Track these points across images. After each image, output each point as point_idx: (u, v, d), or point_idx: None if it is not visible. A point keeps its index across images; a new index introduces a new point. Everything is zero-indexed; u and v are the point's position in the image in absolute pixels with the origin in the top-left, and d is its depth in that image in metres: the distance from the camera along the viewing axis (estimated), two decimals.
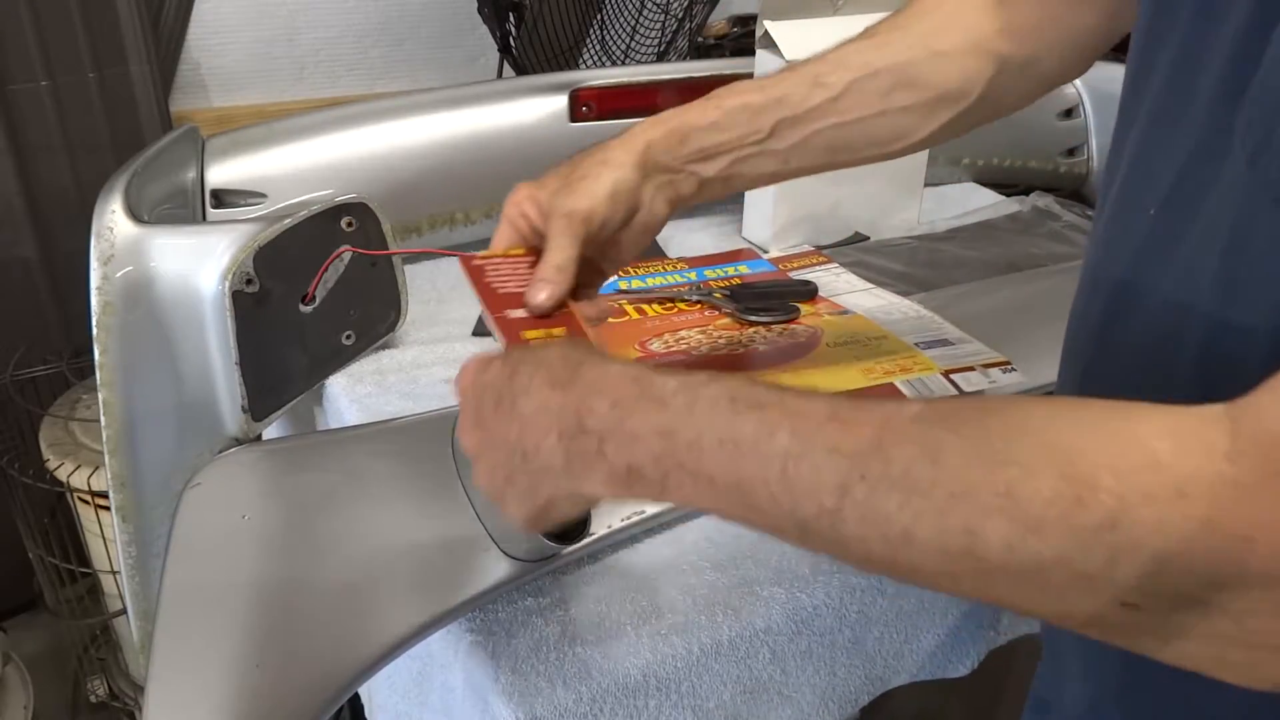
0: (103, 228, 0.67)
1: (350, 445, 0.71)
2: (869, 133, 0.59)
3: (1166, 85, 0.41)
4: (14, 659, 1.40)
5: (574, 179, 0.55)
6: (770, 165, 0.59)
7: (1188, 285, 0.39)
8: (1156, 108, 0.42)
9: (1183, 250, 0.39)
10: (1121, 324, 0.44)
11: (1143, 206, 0.42)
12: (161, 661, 0.53)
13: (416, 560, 0.60)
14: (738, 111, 0.57)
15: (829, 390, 0.73)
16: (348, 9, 1.64)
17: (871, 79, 0.57)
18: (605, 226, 0.55)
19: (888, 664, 0.69)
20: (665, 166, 0.57)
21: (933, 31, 0.58)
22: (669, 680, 0.59)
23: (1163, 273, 0.41)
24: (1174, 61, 0.41)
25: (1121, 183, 0.45)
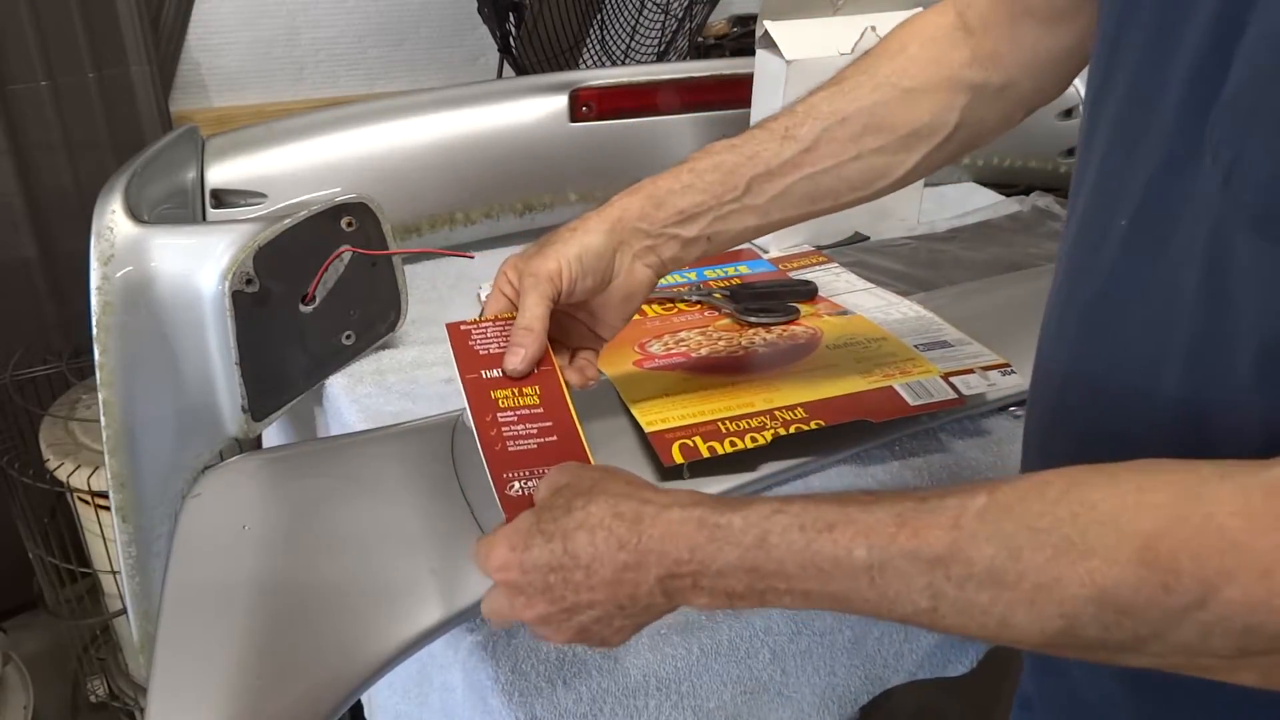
0: (103, 228, 0.67)
1: (349, 452, 0.71)
2: (845, 178, 0.59)
3: (1129, 97, 0.42)
4: (14, 659, 1.40)
5: (546, 244, 0.57)
6: (751, 220, 0.59)
7: (1170, 296, 0.39)
8: (1121, 118, 0.43)
9: (1161, 262, 0.39)
10: (1101, 332, 0.44)
11: (1114, 216, 0.42)
12: (163, 673, 0.53)
13: (417, 567, 0.59)
14: (710, 171, 0.58)
15: (833, 394, 0.73)
16: (348, 9, 1.64)
17: (841, 126, 0.58)
18: (575, 288, 0.57)
19: (887, 664, 0.69)
20: (643, 232, 0.58)
21: (900, 71, 0.59)
22: (669, 680, 0.59)
23: (1141, 283, 0.41)
24: (1136, 73, 0.41)
25: (1091, 190, 0.45)
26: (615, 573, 0.42)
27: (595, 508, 0.43)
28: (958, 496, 0.36)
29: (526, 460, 0.53)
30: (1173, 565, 0.31)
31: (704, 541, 0.40)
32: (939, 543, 0.35)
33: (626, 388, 0.73)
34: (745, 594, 0.40)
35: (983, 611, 0.35)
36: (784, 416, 0.70)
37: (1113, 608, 0.32)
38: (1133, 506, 0.32)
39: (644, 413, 0.70)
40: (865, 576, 0.37)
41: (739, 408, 0.70)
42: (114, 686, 1.45)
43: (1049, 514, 0.34)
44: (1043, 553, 0.33)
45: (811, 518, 0.38)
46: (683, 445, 0.67)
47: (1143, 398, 0.41)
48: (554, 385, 0.57)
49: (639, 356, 0.80)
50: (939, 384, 0.74)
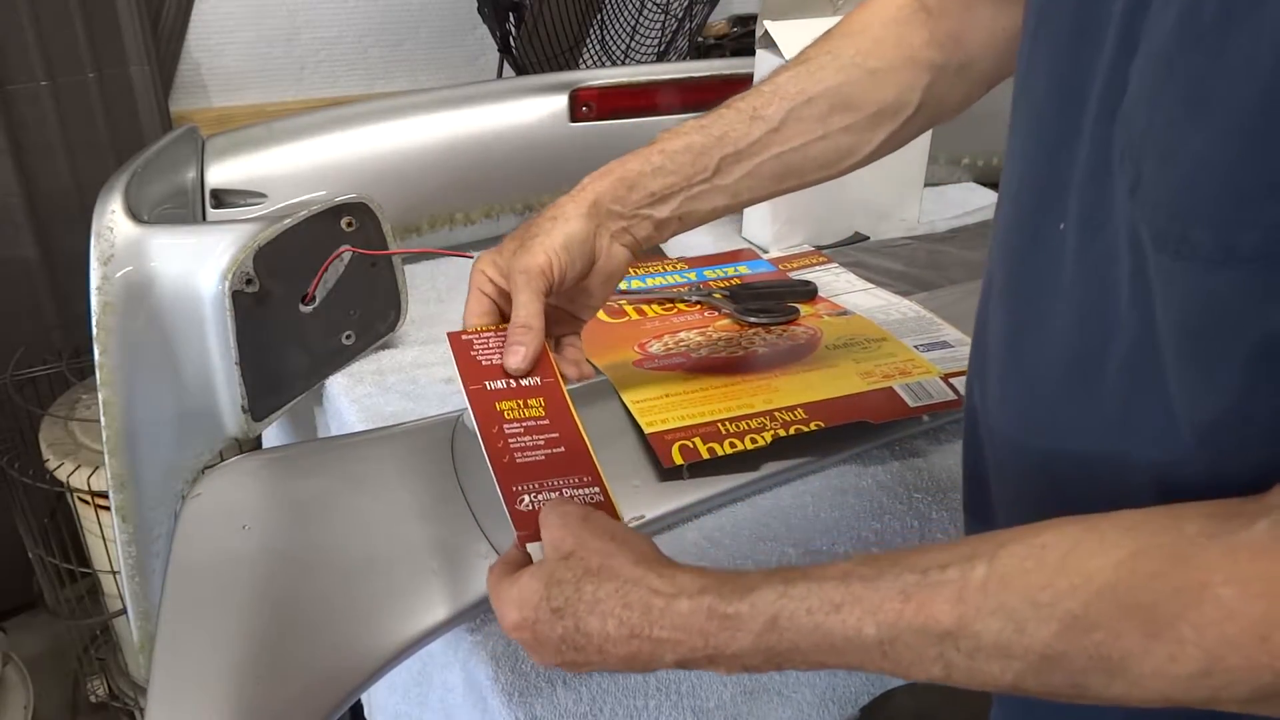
0: (103, 228, 0.67)
1: (349, 452, 0.71)
2: (813, 156, 0.60)
3: (1048, 94, 0.42)
4: (14, 659, 1.40)
5: (528, 238, 0.57)
6: (721, 200, 0.60)
7: (1104, 300, 0.39)
8: (1042, 117, 0.43)
9: (1093, 264, 0.39)
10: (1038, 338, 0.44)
11: (1047, 219, 0.42)
12: (163, 672, 0.53)
13: (417, 567, 0.59)
14: (680, 153, 0.59)
15: (833, 394, 0.73)
16: (348, 9, 1.64)
17: (808, 105, 0.59)
18: (565, 277, 0.57)
19: None
20: (617, 214, 0.59)
21: (863, 51, 0.59)
22: (669, 680, 0.59)
23: (1077, 289, 0.41)
24: (1054, 71, 0.41)
25: (1019, 188, 0.45)
26: (629, 654, 0.43)
27: (604, 594, 0.44)
28: (957, 567, 0.36)
29: (535, 472, 0.53)
30: (1176, 635, 0.31)
31: (716, 630, 0.41)
32: (946, 618, 0.36)
33: (626, 388, 0.73)
34: (762, 666, 0.41)
35: (995, 679, 0.36)
36: (784, 418, 0.70)
37: (1121, 678, 0.33)
38: (1129, 576, 0.33)
39: (644, 414, 0.70)
40: (877, 651, 0.38)
41: (739, 409, 0.70)
42: (114, 686, 1.45)
43: (1049, 586, 0.34)
44: (1048, 627, 0.34)
45: (817, 600, 0.39)
46: (682, 446, 0.67)
47: (1075, 402, 0.41)
48: (558, 396, 0.57)
49: (639, 357, 0.80)
50: (939, 385, 0.74)
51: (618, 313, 0.88)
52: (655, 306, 0.90)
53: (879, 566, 0.38)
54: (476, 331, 0.59)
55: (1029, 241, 0.44)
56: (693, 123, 0.60)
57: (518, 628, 0.46)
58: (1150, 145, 0.34)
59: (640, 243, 0.61)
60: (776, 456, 0.68)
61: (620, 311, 0.89)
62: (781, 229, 1.05)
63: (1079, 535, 0.35)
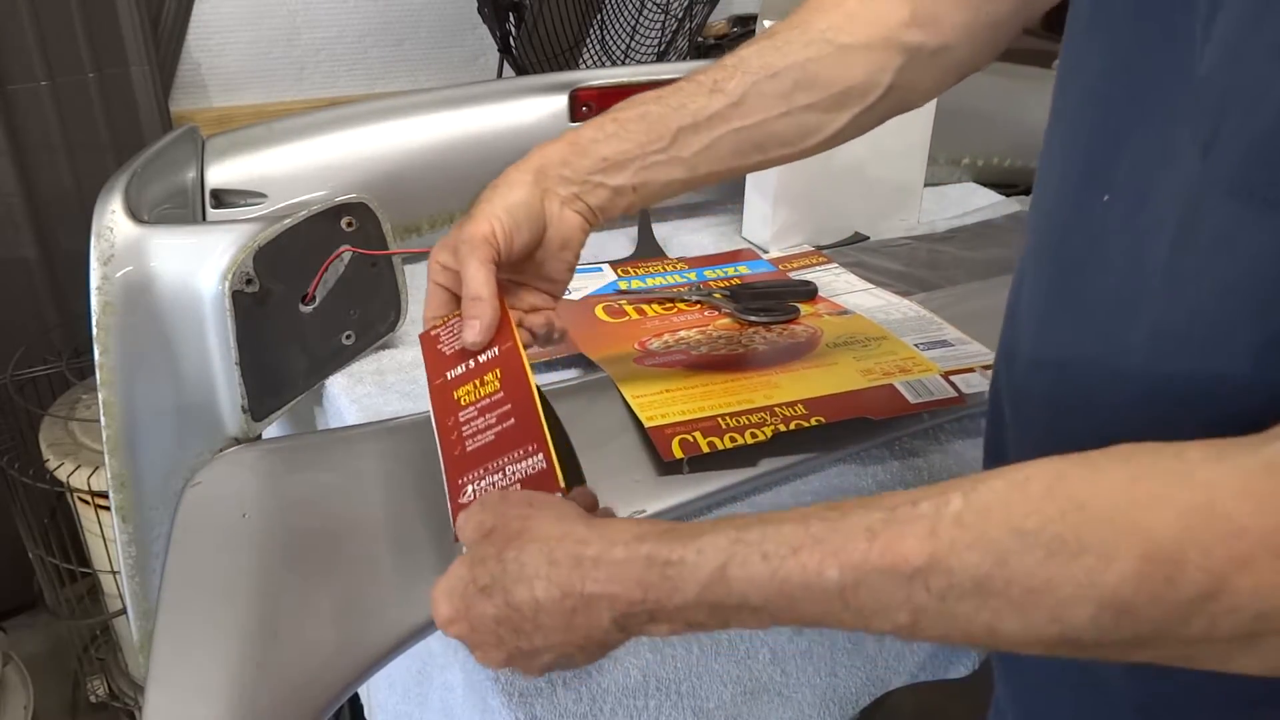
0: (103, 228, 0.67)
1: (350, 444, 0.71)
2: (774, 133, 0.58)
3: (1104, 75, 0.42)
4: (14, 659, 1.40)
5: (472, 209, 0.56)
6: (678, 172, 0.58)
7: (1137, 270, 0.38)
8: (1097, 94, 0.42)
9: (1130, 235, 0.39)
10: (1074, 307, 0.43)
11: (1092, 194, 0.42)
12: (161, 661, 0.53)
13: (416, 559, 0.59)
14: (635, 121, 0.57)
15: (834, 391, 0.73)
16: (348, 9, 1.64)
17: (771, 80, 0.57)
18: (512, 243, 0.55)
19: (888, 665, 0.69)
20: (567, 179, 0.58)
21: (835, 26, 0.57)
22: (669, 680, 0.59)
23: (1114, 256, 0.40)
24: (1115, 48, 0.41)
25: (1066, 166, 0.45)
26: (564, 619, 0.40)
27: (528, 557, 0.41)
28: (930, 501, 0.34)
29: (482, 457, 0.51)
30: (1176, 557, 0.29)
31: (656, 580, 0.38)
32: (916, 555, 0.33)
33: (626, 383, 0.73)
34: (707, 623, 0.38)
35: (967, 620, 0.33)
36: (784, 413, 0.70)
37: (1112, 608, 0.30)
38: (1126, 498, 0.31)
39: (644, 408, 0.70)
40: (838, 599, 0.35)
41: (739, 404, 0.70)
42: (114, 686, 1.45)
43: (1035, 513, 0.32)
44: (1032, 555, 0.31)
45: (774, 543, 0.36)
46: (682, 440, 0.67)
47: (1109, 370, 0.40)
48: (515, 361, 0.54)
49: (639, 354, 0.80)
50: (939, 382, 0.74)
51: (618, 312, 0.89)
52: (655, 306, 0.90)
53: (844, 508, 0.36)
54: (443, 322, 0.58)
55: (1072, 214, 0.43)
56: (651, 93, 0.59)
57: (451, 621, 0.43)
58: (1233, 102, 0.33)
59: (595, 211, 0.59)
60: (776, 452, 0.68)
61: (620, 311, 0.89)
62: (781, 229, 1.05)
63: (1066, 467, 0.33)
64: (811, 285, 0.93)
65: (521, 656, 0.43)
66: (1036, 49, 1.62)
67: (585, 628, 0.40)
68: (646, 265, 0.99)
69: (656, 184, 0.59)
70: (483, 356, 0.56)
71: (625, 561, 0.39)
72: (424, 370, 0.59)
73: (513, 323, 0.56)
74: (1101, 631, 0.31)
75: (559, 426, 0.56)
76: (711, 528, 0.38)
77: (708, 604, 0.37)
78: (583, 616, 0.40)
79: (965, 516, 0.33)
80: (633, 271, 0.97)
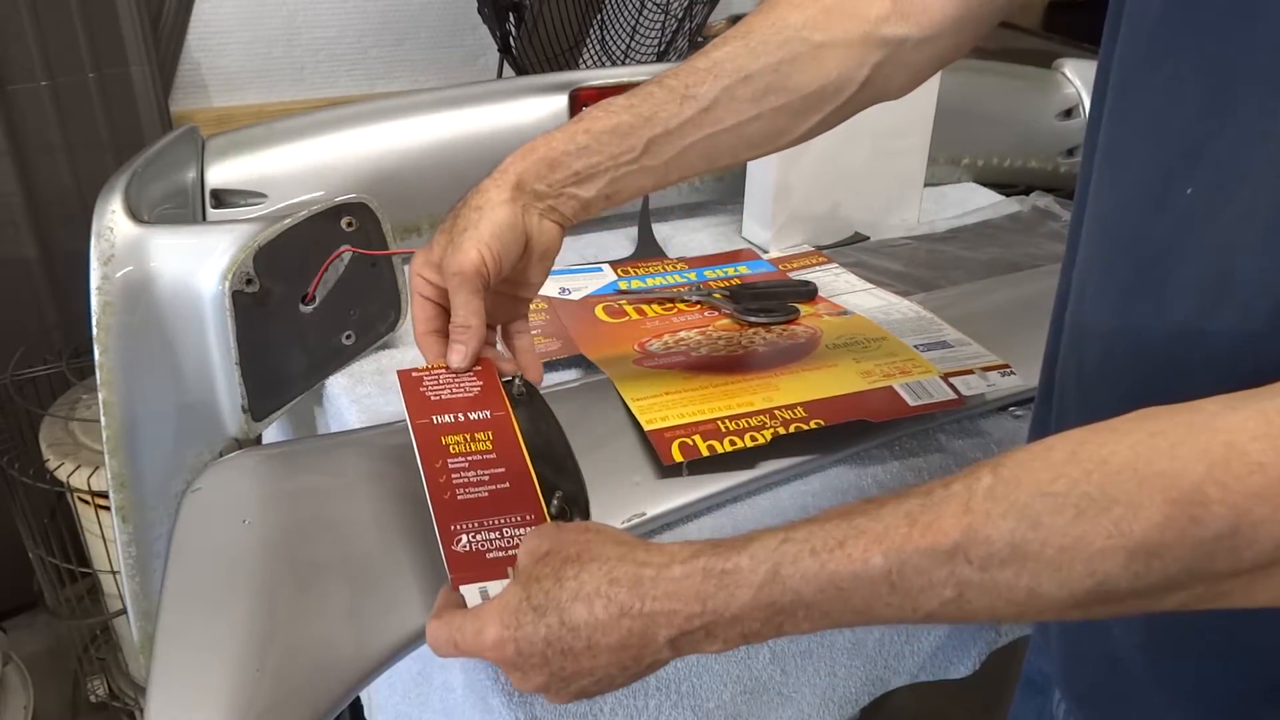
0: (103, 228, 0.67)
1: (350, 447, 0.71)
2: (745, 137, 0.58)
3: (1194, 71, 0.41)
4: (14, 659, 1.40)
5: (456, 234, 0.56)
6: (648, 180, 0.59)
7: (1229, 255, 0.39)
8: (1177, 92, 0.42)
9: (1224, 220, 0.39)
10: (1154, 297, 0.44)
11: (1176, 187, 0.41)
12: (162, 667, 0.53)
13: (418, 563, 0.59)
14: (607, 134, 0.57)
15: (833, 393, 0.73)
16: (348, 9, 1.64)
17: (744, 84, 0.57)
18: (501, 266, 0.56)
19: (888, 665, 0.69)
20: (541, 194, 0.58)
21: (810, 22, 0.56)
22: (669, 680, 0.59)
23: (1200, 249, 0.41)
24: (1201, 48, 0.41)
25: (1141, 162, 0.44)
26: (621, 638, 0.41)
27: (588, 576, 0.42)
28: (962, 481, 0.36)
29: (476, 510, 0.51)
30: (1199, 497, 0.31)
31: (713, 590, 0.39)
32: (954, 529, 0.35)
33: (626, 386, 0.73)
34: (761, 631, 0.39)
35: (1009, 588, 0.34)
36: (784, 416, 0.70)
37: (1143, 552, 0.32)
38: (1147, 451, 0.32)
39: (644, 411, 0.70)
40: (885, 583, 0.36)
41: (739, 407, 0.70)
42: (114, 686, 1.45)
43: (1062, 476, 0.33)
44: (1063, 515, 0.33)
45: (820, 540, 0.38)
46: (682, 444, 0.67)
47: (1195, 353, 0.41)
48: (507, 429, 0.56)
49: (638, 355, 0.80)
50: (939, 384, 0.74)
51: (617, 312, 0.89)
52: (655, 306, 0.90)
53: (881, 500, 0.38)
54: (427, 370, 0.59)
55: (1150, 211, 0.43)
56: (621, 100, 0.58)
57: (498, 644, 0.43)
58: None
59: (569, 218, 0.60)
60: (776, 455, 0.68)
61: (620, 311, 0.89)
62: (781, 229, 1.05)
63: (1085, 434, 0.35)
64: (811, 285, 0.93)
65: (559, 680, 0.43)
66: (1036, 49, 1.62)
67: (638, 647, 0.41)
68: (646, 265, 0.99)
69: (627, 191, 0.59)
70: (474, 414, 0.56)
71: (683, 577, 0.40)
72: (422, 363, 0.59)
73: (505, 395, 0.58)
74: (1135, 578, 0.33)
75: (569, 454, 0.57)
76: (760, 535, 0.40)
77: (763, 606, 0.39)
78: (639, 636, 0.41)
79: (996, 489, 0.35)
80: (633, 271, 0.97)
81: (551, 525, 0.48)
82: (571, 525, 0.47)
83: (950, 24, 0.56)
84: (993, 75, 1.26)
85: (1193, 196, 0.41)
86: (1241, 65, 0.38)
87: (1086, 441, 0.34)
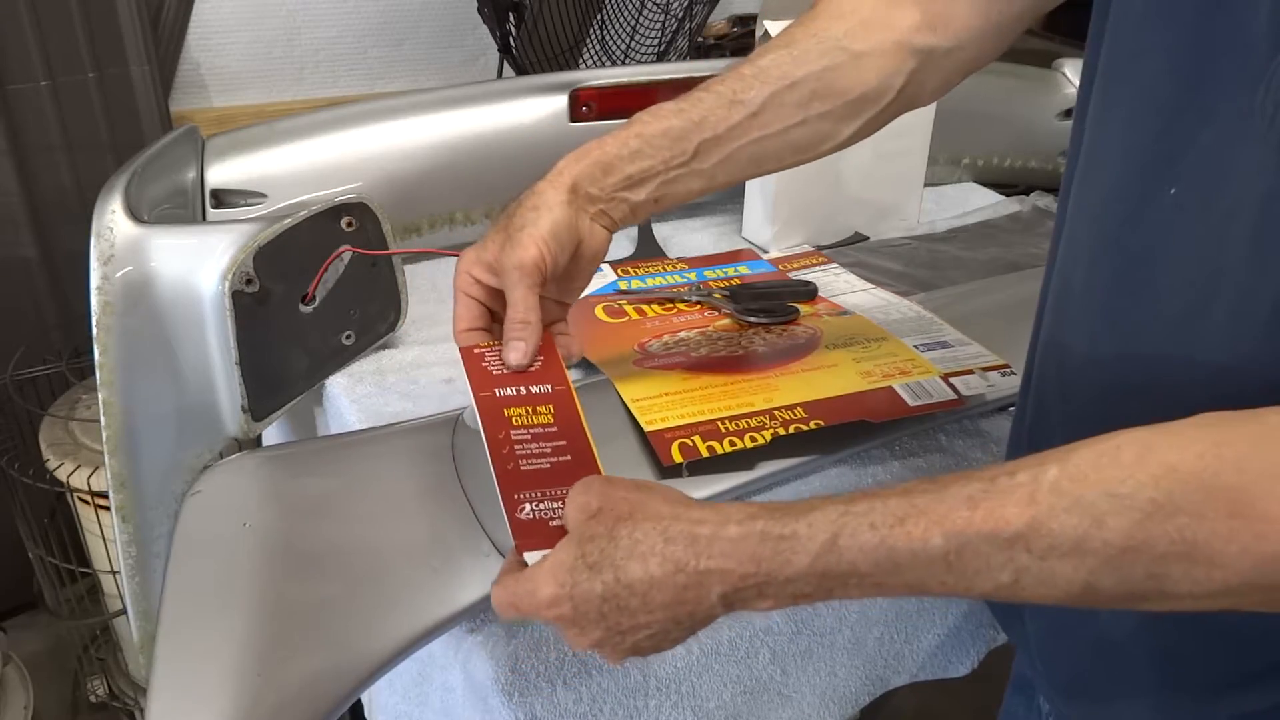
0: (103, 228, 0.67)
1: (350, 450, 0.71)
2: (791, 142, 0.60)
3: (1167, 69, 0.42)
4: (14, 659, 1.40)
5: (514, 231, 0.57)
6: (697, 184, 0.60)
7: (1216, 254, 0.39)
8: (1154, 92, 0.43)
9: (1208, 224, 0.40)
10: (1141, 289, 0.44)
11: (1159, 185, 0.42)
12: (163, 671, 0.53)
13: (418, 565, 0.59)
14: (659, 138, 0.59)
15: (833, 394, 0.73)
16: (348, 9, 1.64)
17: (790, 90, 0.59)
18: (556, 265, 0.57)
19: (888, 664, 0.69)
20: (594, 197, 0.59)
21: (850, 33, 0.59)
22: (669, 680, 0.59)
23: (1188, 245, 0.41)
24: (1178, 47, 0.41)
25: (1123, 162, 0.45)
26: (675, 594, 0.42)
27: (642, 534, 0.43)
28: (1028, 471, 0.36)
29: (539, 480, 0.52)
30: (1263, 513, 0.32)
31: (770, 554, 0.40)
32: (1018, 519, 0.35)
33: (626, 387, 0.73)
34: (813, 594, 0.41)
35: (1067, 580, 0.35)
36: (783, 416, 0.70)
37: (1205, 562, 0.33)
38: (1214, 461, 0.33)
39: (643, 412, 0.70)
40: (942, 563, 0.37)
41: (738, 407, 0.70)
42: (114, 686, 1.45)
43: (1130, 479, 0.34)
44: (1129, 516, 0.34)
45: (880, 515, 0.39)
46: (682, 445, 0.67)
47: (1180, 352, 0.42)
48: (569, 404, 0.57)
49: (638, 356, 0.80)
50: (939, 384, 0.74)
51: (618, 313, 0.89)
52: (655, 306, 0.90)
53: (942, 482, 0.38)
54: (488, 345, 0.59)
55: (1135, 208, 0.44)
56: (670, 106, 0.60)
57: (554, 602, 0.44)
58: None
59: (617, 223, 0.61)
60: (776, 456, 0.68)
61: (620, 311, 0.89)
62: (781, 229, 1.05)
63: (1153, 437, 0.35)
64: (811, 285, 0.93)
65: (616, 635, 0.44)
66: (1036, 49, 1.62)
67: (693, 603, 0.42)
68: (646, 265, 0.99)
69: (676, 195, 0.61)
70: (535, 387, 0.57)
71: (741, 538, 0.41)
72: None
73: (564, 363, 0.58)
74: (1195, 584, 0.33)
75: None
76: (820, 504, 0.41)
77: (818, 573, 0.40)
78: (693, 591, 0.42)
79: (1062, 483, 0.35)
80: (633, 271, 0.97)
81: (600, 479, 0.48)
82: (621, 481, 0.48)
83: (974, 34, 0.59)
84: (993, 75, 1.26)
85: (1176, 195, 0.41)
86: (1219, 63, 0.39)
87: (1155, 446, 0.35)
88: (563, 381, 0.58)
